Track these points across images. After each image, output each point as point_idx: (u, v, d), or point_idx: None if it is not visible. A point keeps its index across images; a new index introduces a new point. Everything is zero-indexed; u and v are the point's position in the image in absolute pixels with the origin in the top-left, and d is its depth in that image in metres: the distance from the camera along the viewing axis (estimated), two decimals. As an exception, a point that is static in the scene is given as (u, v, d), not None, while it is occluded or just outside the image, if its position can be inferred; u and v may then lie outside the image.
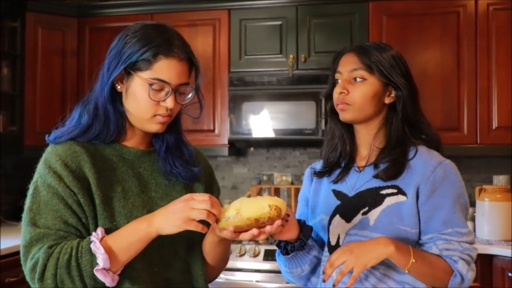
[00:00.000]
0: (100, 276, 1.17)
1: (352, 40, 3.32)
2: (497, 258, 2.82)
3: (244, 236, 1.23)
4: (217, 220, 1.22)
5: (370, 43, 1.54)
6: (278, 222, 1.23)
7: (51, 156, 1.28)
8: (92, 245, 1.18)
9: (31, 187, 1.28)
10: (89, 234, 1.24)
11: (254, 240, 1.24)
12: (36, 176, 1.29)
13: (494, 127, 3.19)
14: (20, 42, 3.51)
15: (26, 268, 1.22)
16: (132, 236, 1.21)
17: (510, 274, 2.76)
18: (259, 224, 1.21)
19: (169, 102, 1.29)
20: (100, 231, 1.21)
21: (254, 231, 1.21)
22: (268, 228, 1.23)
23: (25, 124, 3.52)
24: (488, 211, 3.02)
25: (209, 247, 1.39)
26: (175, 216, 1.18)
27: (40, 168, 1.29)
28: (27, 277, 1.23)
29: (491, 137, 3.20)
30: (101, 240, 1.19)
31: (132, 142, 1.38)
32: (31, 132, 3.53)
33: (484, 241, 2.98)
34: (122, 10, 3.70)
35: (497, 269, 2.82)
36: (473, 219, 3.23)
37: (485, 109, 3.20)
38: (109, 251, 1.18)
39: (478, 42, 3.21)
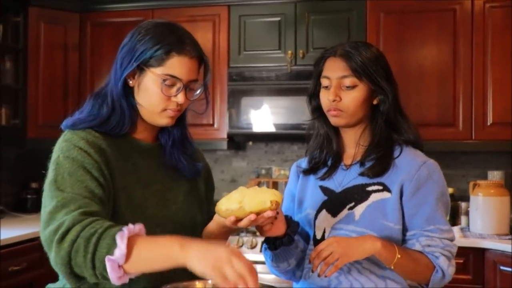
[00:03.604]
0: (108, 266, 1.11)
1: (350, 36, 3.36)
2: (489, 252, 2.87)
3: (242, 223, 1.28)
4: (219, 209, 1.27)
5: (352, 44, 1.54)
6: (272, 213, 1.28)
7: (73, 136, 1.31)
8: (119, 234, 1.11)
9: (52, 164, 1.29)
10: (109, 211, 1.26)
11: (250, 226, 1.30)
12: (56, 154, 1.30)
13: (489, 123, 3.23)
14: (23, 37, 3.57)
15: (47, 231, 1.18)
16: (161, 249, 1.13)
17: (501, 268, 2.81)
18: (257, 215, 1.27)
19: (180, 98, 1.35)
20: (138, 227, 1.15)
21: (252, 217, 1.26)
22: (265, 216, 1.28)
23: (27, 117, 3.57)
24: (481, 205, 3.07)
25: (208, 236, 1.44)
26: (211, 260, 1.07)
27: (62, 146, 1.30)
28: (43, 239, 1.20)
29: (486, 133, 3.23)
30: (131, 236, 1.12)
31: (141, 135, 1.44)
32: (33, 125, 3.58)
33: (477, 235, 3.03)
34: (124, 5, 3.74)
35: (489, 262, 2.87)
36: (467, 213, 3.28)
37: (480, 105, 3.24)
38: (130, 249, 1.11)
39: (474, 39, 3.25)
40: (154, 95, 1.35)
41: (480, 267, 2.89)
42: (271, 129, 3.46)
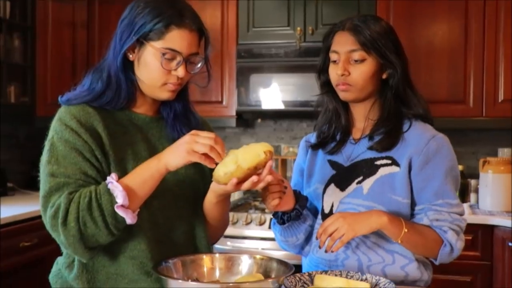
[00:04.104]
0: (121, 212, 1.22)
1: (359, 12, 3.31)
2: (498, 229, 2.86)
3: (245, 185, 1.26)
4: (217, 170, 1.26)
5: (361, 18, 1.53)
6: (270, 163, 1.27)
7: (66, 115, 1.32)
8: (109, 185, 1.23)
9: (47, 144, 1.32)
10: None
11: (253, 188, 1.28)
12: (51, 133, 1.32)
13: (500, 100, 3.19)
14: (31, 14, 3.56)
15: (47, 216, 1.25)
16: (145, 173, 1.26)
17: (510, 244, 2.80)
18: (256, 171, 1.26)
19: (180, 71, 1.34)
20: (114, 174, 1.25)
21: (254, 178, 1.26)
22: (264, 174, 1.26)
23: (36, 95, 3.58)
24: (491, 183, 3.06)
25: (208, 207, 1.44)
26: (180, 148, 1.24)
27: (55, 125, 1.32)
28: (48, 226, 1.27)
29: (497, 110, 3.20)
30: (117, 181, 1.24)
31: (141, 109, 1.44)
32: (42, 103, 3.59)
33: (486, 212, 3.02)
34: (131, -18, 3.70)
35: (497, 239, 2.87)
36: (476, 191, 3.27)
37: (491, 82, 3.20)
38: (126, 189, 1.22)
39: (486, 14, 3.19)
40: (154, 69, 1.34)
41: (488, 243, 2.89)
42: (280, 106, 3.44)
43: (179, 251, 1.40)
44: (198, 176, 1.48)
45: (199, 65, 1.40)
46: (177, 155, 1.24)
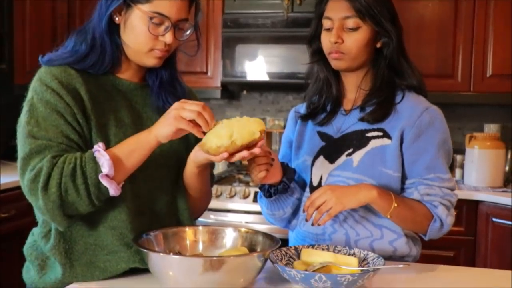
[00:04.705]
0: (105, 182, 1.17)
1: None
2: (483, 204, 2.87)
3: (233, 159, 1.23)
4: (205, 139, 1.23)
5: None
6: (262, 142, 1.25)
7: (47, 75, 1.26)
8: (96, 153, 1.18)
9: (26, 104, 1.26)
10: None
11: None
12: (30, 94, 1.27)
13: (488, 75, 3.17)
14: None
15: (25, 179, 1.19)
16: (134, 144, 1.22)
17: (494, 219, 2.82)
18: (247, 147, 1.24)
19: (168, 37, 1.29)
20: (101, 144, 1.21)
21: (245, 153, 1.22)
22: (256, 152, 1.24)
23: (14, 63, 3.47)
24: (477, 158, 3.06)
25: (189, 177, 1.39)
26: (168, 116, 1.20)
27: (35, 86, 1.26)
28: (25, 189, 1.21)
29: (485, 85, 3.18)
30: (104, 150, 1.20)
31: (126, 74, 1.38)
32: (21, 71, 3.48)
33: (471, 187, 3.02)
34: None
35: (482, 214, 2.88)
36: (461, 166, 3.27)
37: (480, 56, 3.17)
38: (113, 158, 1.18)
39: (477, -12, 3.15)
40: (141, 34, 1.29)
41: (472, 219, 2.90)
42: (265, 78, 3.38)
43: (161, 223, 1.36)
44: (183, 146, 1.43)
45: (188, 32, 1.34)
46: (166, 123, 1.20)
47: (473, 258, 2.91)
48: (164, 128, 1.20)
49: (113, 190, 1.19)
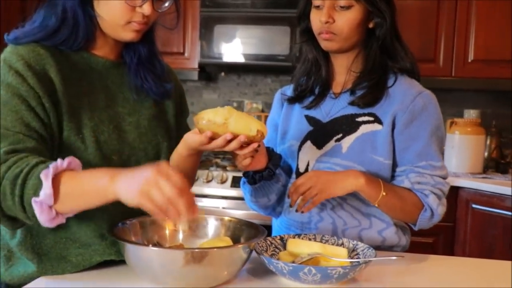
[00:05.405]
0: (36, 208, 1.00)
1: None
2: (463, 190, 2.85)
3: (216, 142, 1.14)
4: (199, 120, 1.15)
5: None
6: (255, 145, 1.17)
7: (12, 56, 1.15)
8: (43, 173, 0.99)
9: None
10: (54, 144, 1.13)
11: (224, 148, 1.15)
12: None
13: (470, 60, 3.14)
14: None
15: None
16: (90, 184, 1.02)
17: (473, 206, 2.81)
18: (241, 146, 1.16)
19: (146, 8, 1.19)
20: (66, 161, 1.03)
21: (228, 135, 1.13)
22: (246, 151, 1.17)
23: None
24: (457, 144, 3.03)
25: (177, 159, 1.30)
26: (136, 182, 0.96)
27: None
28: None
29: (466, 70, 3.15)
30: (60, 172, 1.01)
31: (101, 51, 1.27)
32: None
33: (451, 173, 3.00)
34: None
35: (461, 201, 2.86)
36: (442, 152, 3.25)
37: (462, 41, 3.14)
38: (57, 188, 1.00)
39: (460, -30, 3.10)
40: (116, 5, 1.18)
41: (452, 205, 2.88)
42: (244, 59, 3.29)
43: (138, 212, 1.26)
44: (162, 129, 1.34)
45: (167, 3, 1.24)
46: (130, 189, 0.97)
47: (452, 244, 2.90)
48: (125, 193, 0.98)
49: (44, 219, 1.00)
